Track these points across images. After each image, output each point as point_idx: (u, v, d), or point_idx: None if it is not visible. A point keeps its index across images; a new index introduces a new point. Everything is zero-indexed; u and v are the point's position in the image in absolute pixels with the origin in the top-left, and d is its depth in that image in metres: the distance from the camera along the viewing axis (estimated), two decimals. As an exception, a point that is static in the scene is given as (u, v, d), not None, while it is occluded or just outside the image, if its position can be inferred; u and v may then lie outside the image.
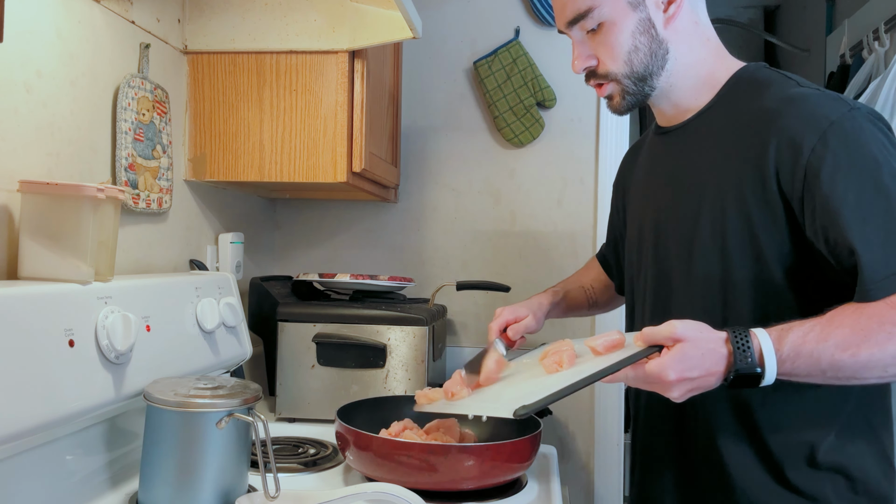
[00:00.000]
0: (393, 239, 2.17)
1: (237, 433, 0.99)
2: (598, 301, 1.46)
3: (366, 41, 1.51)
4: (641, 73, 1.06)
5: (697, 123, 1.10)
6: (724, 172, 1.03)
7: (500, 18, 2.10)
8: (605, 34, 1.05)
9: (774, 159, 0.96)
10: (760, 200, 0.98)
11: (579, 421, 2.09)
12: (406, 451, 1.10)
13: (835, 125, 0.93)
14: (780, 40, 3.41)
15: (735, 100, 1.06)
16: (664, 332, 0.89)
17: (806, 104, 0.96)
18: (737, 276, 1.01)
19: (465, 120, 2.13)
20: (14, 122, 1.05)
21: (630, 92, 1.08)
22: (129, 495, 1.07)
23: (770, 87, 1.02)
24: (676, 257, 1.10)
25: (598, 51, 1.08)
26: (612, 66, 1.07)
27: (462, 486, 1.12)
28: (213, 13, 1.55)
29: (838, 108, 0.94)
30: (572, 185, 2.10)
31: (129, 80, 1.32)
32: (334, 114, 1.53)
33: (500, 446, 1.13)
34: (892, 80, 1.94)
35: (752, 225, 0.99)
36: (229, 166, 1.57)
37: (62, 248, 1.01)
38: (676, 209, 1.11)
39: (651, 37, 1.05)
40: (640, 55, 1.05)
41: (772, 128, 0.97)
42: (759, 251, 0.99)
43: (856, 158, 0.91)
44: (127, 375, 1.06)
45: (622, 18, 1.04)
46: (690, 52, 1.08)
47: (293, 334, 1.59)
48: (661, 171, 1.16)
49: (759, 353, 0.87)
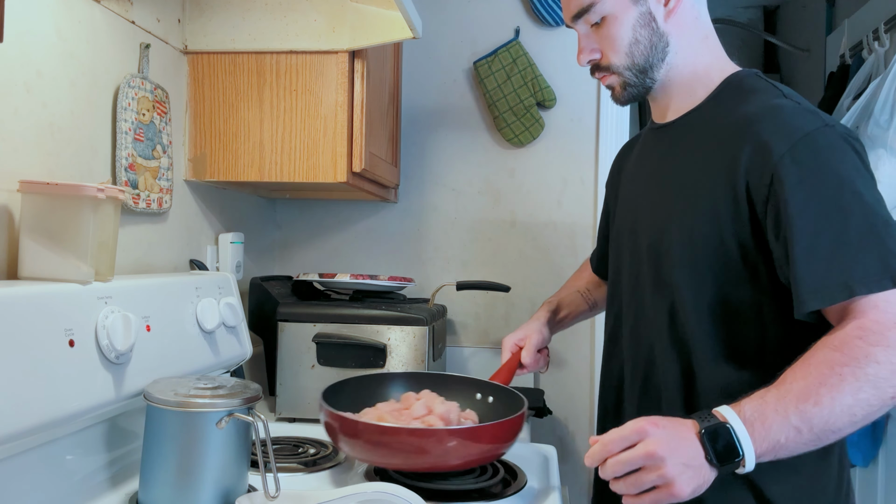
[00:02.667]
0: (393, 239, 2.17)
1: (237, 433, 0.99)
2: (598, 301, 1.47)
3: (366, 41, 1.51)
4: (642, 65, 1.09)
5: (685, 122, 1.12)
6: (700, 172, 1.04)
7: (500, 18, 2.10)
8: (608, 27, 1.08)
9: (746, 162, 0.97)
10: (730, 200, 0.99)
11: (579, 421, 2.09)
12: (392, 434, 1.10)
13: (807, 137, 0.94)
14: (780, 40, 3.41)
15: (722, 103, 1.08)
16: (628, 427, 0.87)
17: (782, 114, 0.98)
18: (701, 266, 1.02)
19: (465, 120, 2.13)
20: (14, 122, 1.05)
21: (631, 84, 1.11)
22: (129, 495, 1.07)
23: (755, 94, 1.04)
24: (648, 249, 1.12)
25: (601, 44, 1.11)
26: (614, 59, 1.10)
27: (450, 463, 1.12)
28: (213, 13, 1.55)
29: (813, 122, 0.96)
30: (572, 185, 2.10)
31: (129, 80, 1.32)
32: (334, 114, 1.54)
33: (482, 428, 1.14)
34: (892, 80, 1.94)
35: (721, 232, 1.00)
36: (229, 166, 1.57)
37: (62, 248, 1.01)
38: (654, 207, 1.13)
39: (652, 30, 1.07)
40: (641, 48, 1.08)
41: (747, 133, 0.99)
42: (725, 247, 1.00)
43: (822, 173, 0.93)
44: (127, 375, 1.06)
45: (623, 12, 1.07)
46: (689, 46, 1.10)
47: (293, 334, 1.59)
48: (648, 164, 1.19)
49: (720, 416, 0.86)
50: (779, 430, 0.84)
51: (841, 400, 0.84)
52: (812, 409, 0.84)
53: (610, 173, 1.41)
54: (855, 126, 2.02)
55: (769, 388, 0.87)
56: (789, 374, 0.88)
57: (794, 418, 0.84)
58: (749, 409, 0.86)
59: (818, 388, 0.85)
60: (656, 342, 1.09)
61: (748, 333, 1.01)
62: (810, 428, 0.85)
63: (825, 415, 0.84)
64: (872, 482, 2.11)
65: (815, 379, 0.85)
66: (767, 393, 0.87)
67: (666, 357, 1.07)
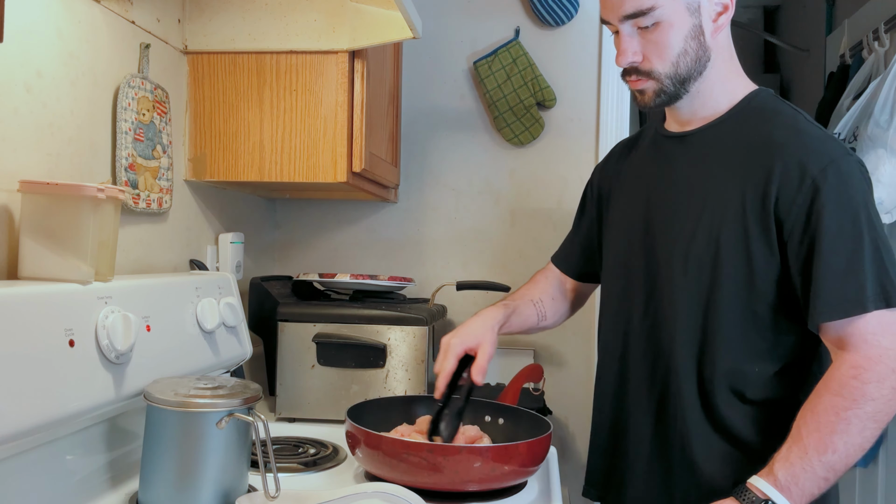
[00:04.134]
0: (393, 239, 2.17)
1: (237, 433, 0.99)
2: (548, 316, 1.41)
3: (366, 41, 1.51)
4: (684, 75, 1.11)
5: (709, 133, 1.15)
6: (728, 186, 1.10)
7: (500, 18, 2.10)
8: (660, 33, 1.08)
9: (779, 180, 1.04)
10: (758, 217, 1.06)
11: (579, 421, 2.09)
12: (414, 451, 1.09)
13: (835, 163, 1.03)
14: (780, 40, 3.41)
15: (746, 120, 1.13)
16: None
17: (812, 138, 1.07)
18: (724, 283, 1.09)
19: (465, 120, 2.13)
20: (14, 122, 1.05)
21: (667, 91, 1.12)
22: (129, 495, 1.07)
23: (779, 116, 1.11)
24: (668, 260, 1.15)
25: (647, 48, 1.10)
26: (658, 66, 1.10)
27: (468, 488, 1.12)
28: (213, 13, 1.55)
29: (838, 150, 1.05)
30: (572, 185, 2.10)
31: (129, 80, 1.32)
32: (334, 114, 1.53)
33: (508, 448, 1.12)
34: (892, 80, 1.94)
35: (748, 237, 1.07)
36: (229, 166, 1.57)
37: (62, 248, 1.01)
38: (676, 212, 1.15)
39: (699, 43, 1.10)
40: (688, 59, 1.10)
41: (777, 154, 1.06)
42: (751, 263, 1.07)
43: (844, 197, 1.02)
44: (127, 375, 1.06)
45: (679, 21, 1.08)
46: (723, 63, 1.14)
47: (293, 334, 1.59)
48: (667, 171, 1.20)
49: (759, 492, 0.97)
50: (811, 485, 0.97)
51: (852, 441, 0.97)
52: (832, 457, 0.96)
53: (600, 175, 1.38)
54: (855, 126, 2.02)
55: (790, 447, 0.98)
56: (802, 426, 0.99)
57: (820, 470, 0.96)
58: (781, 474, 0.97)
59: (831, 436, 0.96)
60: (678, 346, 1.13)
61: (766, 336, 1.09)
62: (835, 473, 0.97)
63: (843, 458, 0.97)
64: (872, 482, 2.11)
65: (826, 428, 0.97)
66: (790, 453, 0.98)
67: (686, 355, 1.13)
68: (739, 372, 1.09)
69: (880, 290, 0.99)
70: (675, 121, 1.21)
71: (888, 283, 0.99)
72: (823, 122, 2.30)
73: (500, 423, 1.36)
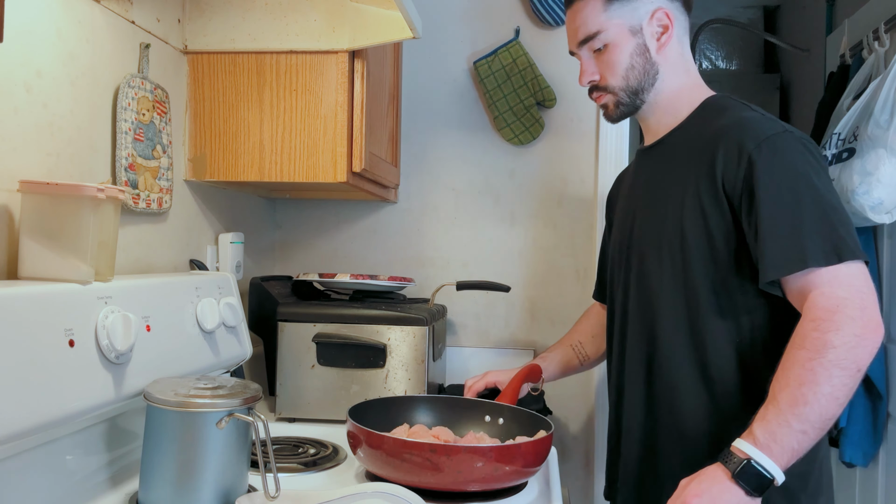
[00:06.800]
0: (393, 239, 2.17)
1: (237, 433, 0.99)
2: (590, 356, 1.59)
3: (366, 41, 1.51)
4: (635, 87, 1.27)
5: (670, 140, 1.29)
6: (685, 178, 1.21)
7: (500, 18, 2.10)
8: (609, 54, 1.27)
9: (722, 162, 1.15)
10: (712, 198, 1.16)
11: (579, 421, 2.09)
12: (416, 450, 1.10)
13: (769, 139, 1.13)
14: (780, 40, 3.40)
15: (700, 121, 1.26)
16: None
17: (750, 121, 1.17)
18: (694, 263, 1.18)
19: (465, 120, 2.13)
20: (14, 121, 1.05)
21: (623, 103, 1.29)
22: (129, 495, 1.07)
23: (728, 110, 1.22)
24: (646, 255, 1.26)
25: (601, 68, 1.29)
26: (611, 80, 1.28)
27: (469, 488, 1.12)
28: (213, 13, 1.55)
29: (774, 128, 1.15)
30: (572, 185, 2.10)
31: (129, 80, 1.32)
32: (334, 114, 1.53)
33: (511, 448, 1.13)
34: (892, 80, 1.94)
35: (706, 218, 1.17)
36: (229, 166, 1.57)
37: (62, 248, 1.01)
38: (648, 214, 1.28)
39: (645, 59, 1.26)
40: (636, 72, 1.26)
41: (720, 139, 1.17)
42: (711, 240, 1.16)
43: (779, 168, 1.11)
44: (127, 375, 1.06)
45: (623, 41, 1.25)
46: (675, 76, 1.29)
47: (293, 334, 1.59)
48: (640, 183, 1.35)
49: (741, 453, 1.01)
50: (789, 440, 1.00)
51: (821, 391, 0.99)
52: (804, 409, 0.99)
53: (608, 202, 1.56)
54: (855, 126, 2.02)
55: (766, 406, 1.02)
56: (775, 385, 1.03)
57: (796, 424, 0.99)
58: (760, 433, 1.01)
59: (800, 388, 1.00)
60: (664, 312, 1.23)
61: (740, 302, 1.16)
62: (812, 425, 1.00)
63: (816, 409, 0.99)
64: (872, 482, 2.11)
65: (795, 381, 1.01)
66: (766, 412, 1.02)
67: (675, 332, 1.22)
68: (718, 329, 1.17)
69: (831, 247, 1.05)
70: (648, 134, 1.35)
71: (838, 241, 1.05)
72: (823, 122, 2.29)
73: (499, 423, 1.37)
